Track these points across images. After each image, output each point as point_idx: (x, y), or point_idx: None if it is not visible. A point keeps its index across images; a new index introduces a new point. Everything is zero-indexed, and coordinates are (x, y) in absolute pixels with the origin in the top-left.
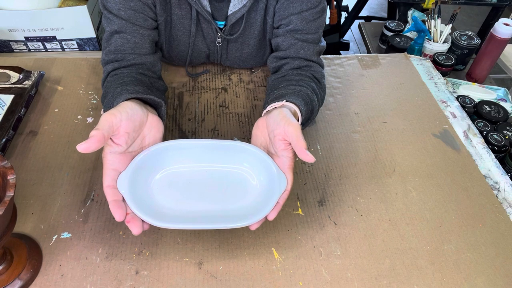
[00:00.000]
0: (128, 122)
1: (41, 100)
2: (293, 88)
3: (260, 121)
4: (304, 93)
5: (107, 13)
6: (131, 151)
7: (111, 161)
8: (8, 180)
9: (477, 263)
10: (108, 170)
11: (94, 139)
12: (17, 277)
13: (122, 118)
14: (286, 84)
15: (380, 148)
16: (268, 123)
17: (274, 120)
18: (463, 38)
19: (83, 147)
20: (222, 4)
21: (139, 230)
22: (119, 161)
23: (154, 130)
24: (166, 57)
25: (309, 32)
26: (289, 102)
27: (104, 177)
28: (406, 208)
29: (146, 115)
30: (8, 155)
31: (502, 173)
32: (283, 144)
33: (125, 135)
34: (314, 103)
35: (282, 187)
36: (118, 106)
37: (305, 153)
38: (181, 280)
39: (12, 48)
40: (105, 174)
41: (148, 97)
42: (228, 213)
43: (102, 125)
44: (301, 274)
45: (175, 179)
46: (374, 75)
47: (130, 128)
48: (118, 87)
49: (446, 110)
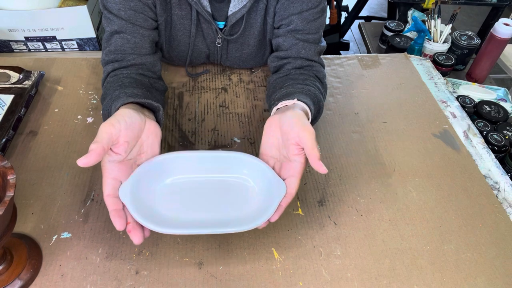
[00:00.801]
0: (127, 131)
1: (41, 100)
2: (301, 87)
3: (273, 120)
4: (312, 92)
5: (107, 13)
6: (129, 159)
7: (110, 169)
8: (8, 180)
9: (477, 263)
10: (108, 179)
11: (93, 153)
12: (17, 277)
13: (121, 128)
14: (293, 82)
15: (380, 148)
16: (282, 123)
17: (289, 122)
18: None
19: (83, 162)
20: (222, 4)
21: (140, 239)
22: (118, 170)
23: (152, 136)
24: (166, 57)
25: (310, 32)
26: (299, 101)
27: (104, 186)
28: (406, 208)
29: (144, 121)
30: (8, 155)
31: (502, 173)
32: (296, 150)
33: (125, 144)
34: (321, 103)
35: (281, 193)
36: (116, 114)
37: (319, 164)
38: (181, 280)
39: (12, 48)
40: (105, 183)
41: (146, 102)
42: (230, 219)
43: (101, 137)
44: (301, 274)
45: (177, 189)
46: (374, 75)
47: (129, 137)
48: (116, 90)
49: (446, 110)
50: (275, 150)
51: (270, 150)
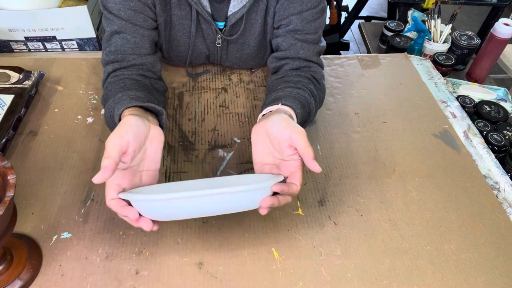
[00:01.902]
0: (135, 141)
1: (41, 100)
2: (290, 91)
3: (258, 127)
4: (301, 95)
5: (107, 13)
6: (132, 166)
7: (114, 176)
8: (8, 180)
9: (477, 263)
10: (112, 185)
11: (107, 169)
12: (17, 277)
13: (130, 139)
14: (284, 86)
15: (380, 148)
16: (269, 130)
17: (276, 127)
18: (463, 38)
19: (99, 179)
20: (222, 4)
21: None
22: (122, 177)
23: (155, 142)
24: (166, 57)
25: (309, 32)
26: (284, 105)
27: (107, 191)
28: (406, 208)
29: (148, 128)
30: (8, 155)
31: (502, 173)
32: (290, 151)
33: (132, 153)
34: (312, 106)
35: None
36: (123, 124)
37: (313, 163)
38: (181, 280)
39: (12, 48)
40: (108, 188)
41: (149, 105)
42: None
43: (112, 151)
44: (301, 274)
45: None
46: (374, 75)
47: (136, 146)
48: (119, 92)
49: (446, 110)
50: (268, 156)
51: (263, 157)
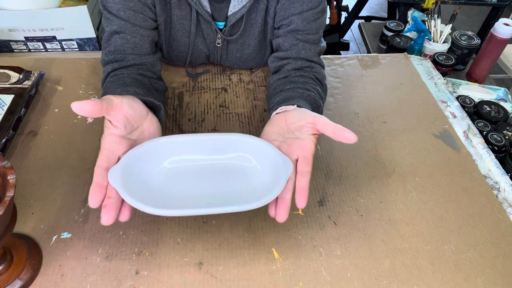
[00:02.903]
0: (128, 108)
1: (41, 100)
2: (301, 92)
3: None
4: (312, 98)
5: (106, 13)
6: (130, 138)
7: (109, 141)
8: (8, 180)
9: (477, 263)
10: (105, 150)
11: (90, 101)
12: (17, 277)
13: (123, 102)
14: (293, 86)
15: (380, 148)
16: (289, 118)
17: (298, 115)
18: (463, 38)
19: (77, 106)
20: (222, 4)
21: (110, 220)
22: (117, 143)
23: (153, 128)
24: (166, 57)
25: (310, 32)
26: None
27: (99, 156)
28: (406, 208)
29: (147, 112)
30: (8, 155)
31: (502, 173)
32: (310, 129)
33: (124, 118)
34: (321, 109)
35: (288, 170)
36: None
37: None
38: (181, 280)
39: (12, 48)
40: (100, 153)
41: (147, 99)
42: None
43: (102, 98)
44: (301, 274)
45: (173, 172)
46: (374, 75)
47: (129, 114)
48: (118, 88)
49: (446, 110)
50: (278, 135)
51: (273, 136)
